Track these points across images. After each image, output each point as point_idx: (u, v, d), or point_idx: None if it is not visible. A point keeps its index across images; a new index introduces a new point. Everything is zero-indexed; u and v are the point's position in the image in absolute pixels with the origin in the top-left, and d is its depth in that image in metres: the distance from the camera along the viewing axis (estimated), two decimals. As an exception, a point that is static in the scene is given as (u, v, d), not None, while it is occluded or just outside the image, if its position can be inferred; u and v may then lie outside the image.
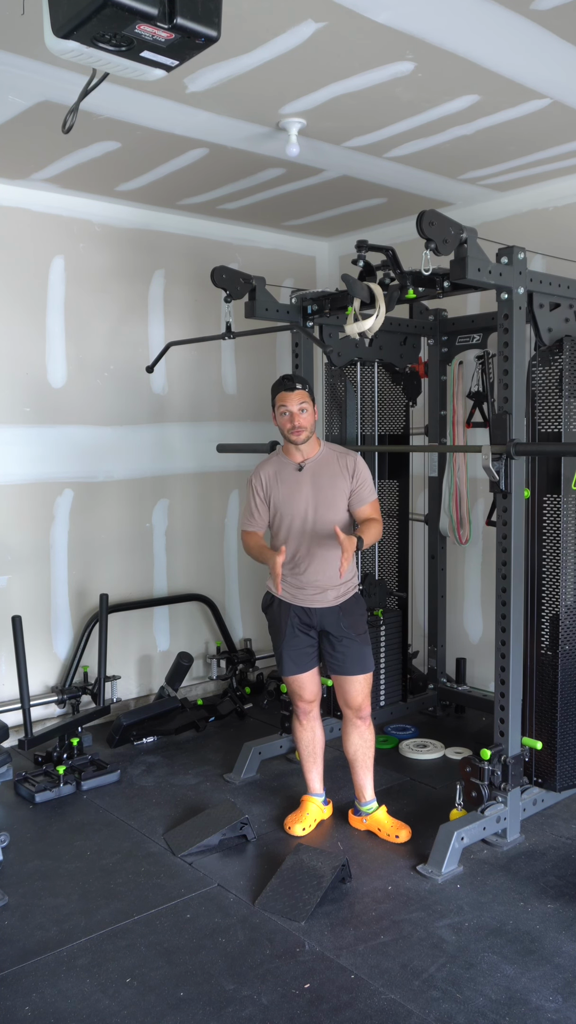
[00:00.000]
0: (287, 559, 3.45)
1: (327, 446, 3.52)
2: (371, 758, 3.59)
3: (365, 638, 3.50)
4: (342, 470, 3.43)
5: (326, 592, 3.45)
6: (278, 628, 3.54)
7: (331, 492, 3.42)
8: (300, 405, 3.36)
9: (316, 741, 3.65)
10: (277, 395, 3.41)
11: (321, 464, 3.46)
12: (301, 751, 3.67)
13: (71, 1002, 2.51)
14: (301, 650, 3.52)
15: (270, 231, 5.50)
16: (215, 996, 2.52)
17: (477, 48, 2.93)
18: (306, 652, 3.53)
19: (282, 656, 3.54)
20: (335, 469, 3.44)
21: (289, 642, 3.51)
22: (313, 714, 3.63)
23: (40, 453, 4.66)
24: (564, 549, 3.57)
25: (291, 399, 3.37)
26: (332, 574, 3.42)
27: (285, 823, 3.56)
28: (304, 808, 3.61)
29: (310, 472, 3.45)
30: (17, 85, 3.18)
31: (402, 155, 4.01)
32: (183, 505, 5.29)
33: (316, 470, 3.45)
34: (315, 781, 3.66)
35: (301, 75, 3.12)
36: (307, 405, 3.38)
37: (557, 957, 2.69)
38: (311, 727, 3.64)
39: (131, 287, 4.97)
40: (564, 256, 4.22)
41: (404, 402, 4.80)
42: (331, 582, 3.43)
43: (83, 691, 4.70)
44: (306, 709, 3.61)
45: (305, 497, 3.43)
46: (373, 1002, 2.49)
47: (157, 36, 1.87)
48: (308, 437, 3.42)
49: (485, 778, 3.36)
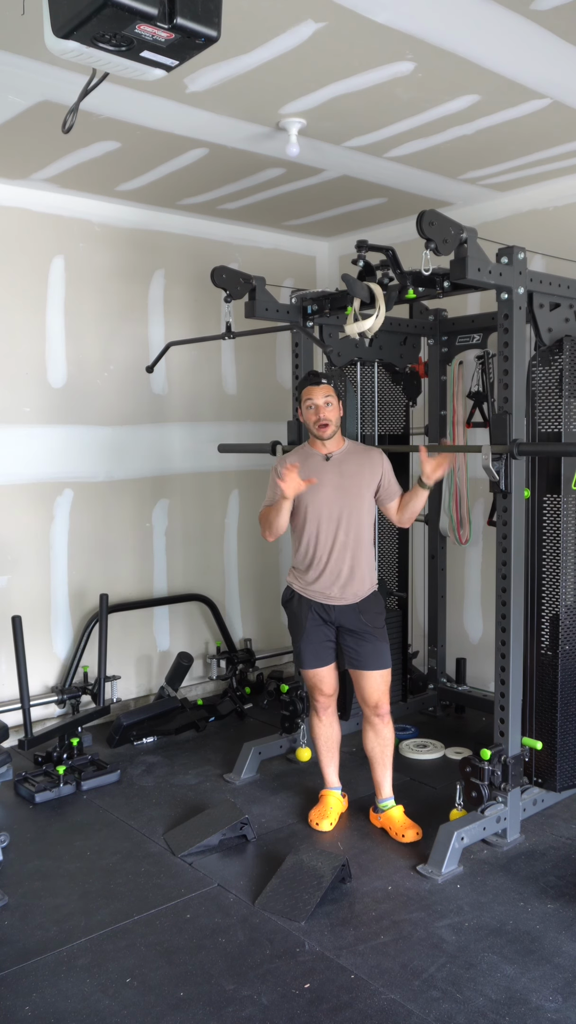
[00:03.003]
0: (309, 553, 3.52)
1: (351, 442, 3.60)
2: (389, 756, 3.64)
3: (383, 634, 3.55)
4: (368, 463, 3.50)
5: (345, 587, 3.49)
6: (298, 622, 3.60)
7: (357, 482, 3.48)
8: (326, 399, 3.42)
9: (333, 736, 3.72)
10: (303, 389, 3.47)
11: (347, 455, 3.53)
12: (318, 746, 3.72)
13: (71, 1002, 2.51)
14: (320, 644, 3.57)
15: (270, 231, 5.50)
16: (215, 996, 2.52)
17: (477, 48, 2.93)
18: (325, 646, 3.59)
19: (301, 650, 3.60)
20: (361, 461, 3.51)
21: (308, 636, 3.56)
22: (331, 709, 3.69)
23: (40, 453, 4.66)
24: (564, 549, 3.57)
25: (317, 392, 3.42)
26: (352, 564, 3.48)
27: (310, 818, 3.61)
28: (325, 802, 3.66)
29: (336, 463, 3.51)
30: (17, 85, 3.18)
31: (402, 155, 4.01)
32: (183, 505, 5.29)
33: (342, 460, 3.51)
34: (332, 775, 3.73)
35: (301, 75, 3.12)
36: (332, 399, 3.44)
37: (557, 957, 2.69)
38: (328, 722, 3.70)
39: (131, 287, 4.97)
40: (564, 256, 4.21)
41: (404, 402, 4.80)
42: (353, 572, 3.49)
43: (83, 691, 4.70)
44: (324, 704, 3.66)
45: (332, 486, 3.48)
46: (373, 1002, 2.49)
47: (157, 36, 1.87)
48: (334, 432, 3.48)
49: (485, 778, 3.36)
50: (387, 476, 3.52)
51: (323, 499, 3.48)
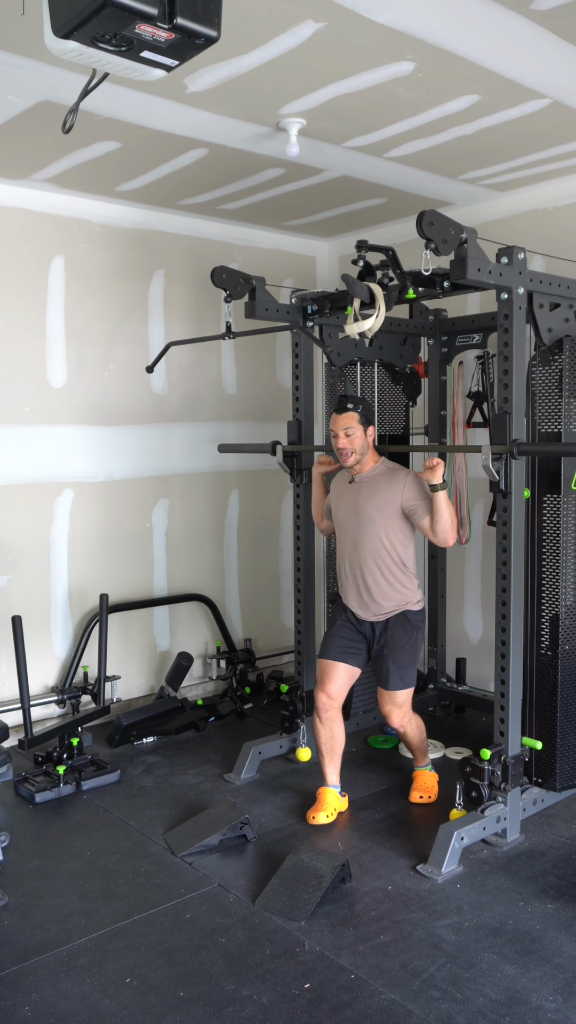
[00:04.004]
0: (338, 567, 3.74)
1: (384, 463, 3.65)
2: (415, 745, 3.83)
3: (401, 657, 3.59)
4: (387, 486, 3.54)
5: (367, 604, 3.61)
6: (334, 617, 3.80)
7: (371, 505, 3.54)
8: (346, 429, 3.50)
9: (334, 739, 3.73)
10: (331, 417, 3.57)
11: (371, 479, 3.59)
12: (319, 747, 3.74)
13: (71, 1002, 2.51)
14: (343, 639, 3.67)
15: (270, 231, 5.50)
16: (215, 996, 2.52)
17: (477, 48, 2.93)
18: (345, 646, 3.67)
19: (326, 640, 3.72)
20: (383, 483, 3.56)
21: (336, 630, 3.70)
22: (332, 713, 3.69)
23: (40, 453, 4.66)
24: (564, 549, 3.57)
25: (338, 423, 3.52)
26: (369, 585, 3.58)
27: (308, 815, 3.62)
28: (323, 798, 3.67)
29: (358, 486, 3.62)
30: (17, 85, 3.18)
31: (402, 155, 4.01)
32: (183, 505, 5.29)
33: (363, 484, 3.60)
34: (331, 774, 3.74)
35: (301, 75, 3.12)
36: (354, 428, 3.50)
37: (557, 957, 2.69)
38: (329, 726, 3.71)
39: (131, 287, 4.97)
40: (564, 256, 4.21)
41: (404, 402, 4.80)
42: (370, 593, 3.59)
43: (83, 691, 4.70)
44: (325, 704, 3.66)
45: (349, 508, 3.62)
46: (373, 1002, 2.49)
47: (157, 36, 1.87)
48: (358, 459, 3.56)
49: (485, 778, 3.36)
50: (409, 497, 3.50)
51: (342, 520, 3.67)
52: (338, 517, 3.70)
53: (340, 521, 3.69)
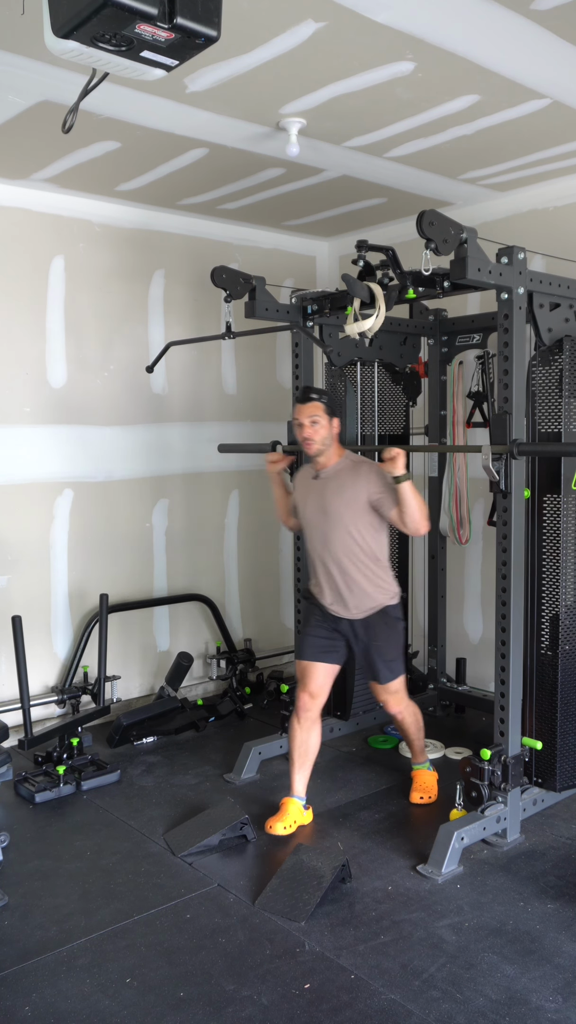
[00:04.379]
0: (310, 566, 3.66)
1: (348, 457, 3.58)
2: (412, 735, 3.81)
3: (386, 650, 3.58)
4: (353, 480, 3.47)
5: (344, 602, 3.56)
6: (306, 616, 3.73)
7: (338, 501, 3.48)
8: (311, 417, 3.44)
9: (309, 744, 3.63)
10: (295, 406, 3.51)
11: (335, 473, 3.53)
12: (291, 750, 3.64)
13: (71, 1002, 2.51)
14: (318, 639, 3.63)
15: (270, 231, 5.50)
16: (215, 996, 2.52)
17: (477, 48, 2.93)
18: (319, 642, 3.63)
19: (302, 640, 3.69)
20: (348, 478, 3.49)
21: (311, 630, 3.66)
22: (312, 714, 3.62)
23: (40, 453, 4.66)
24: (564, 549, 3.57)
25: (303, 411, 3.46)
26: (341, 582, 3.53)
27: (267, 825, 3.51)
28: (284, 809, 3.57)
29: (323, 481, 3.55)
30: (17, 85, 3.18)
31: (402, 155, 4.01)
32: (183, 505, 5.29)
33: (328, 479, 3.53)
34: (299, 784, 3.64)
35: (301, 75, 3.12)
36: (319, 417, 3.44)
37: (557, 957, 2.69)
38: (307, 727, 3.62)
39: (131, 287, 4.97)
40: (564, 256, 4.21)
41: (404, 402, 4.80)
42: (342, 590, 3.54)
43: (83, 691, 4.70)
44: (306, 704, 3.60)
45: (315, 505, 3.55)
46: (373, 1002, 2.49)
47: (157, 36, 1.87)
48: (321, 450, 3.49)
49: (485, 778, 3.36)
50: (375, 490, 3.43)
51: (309, 517, 3.59)
52: (305, 515, 3.62)
53: (308, 519, 3.60)
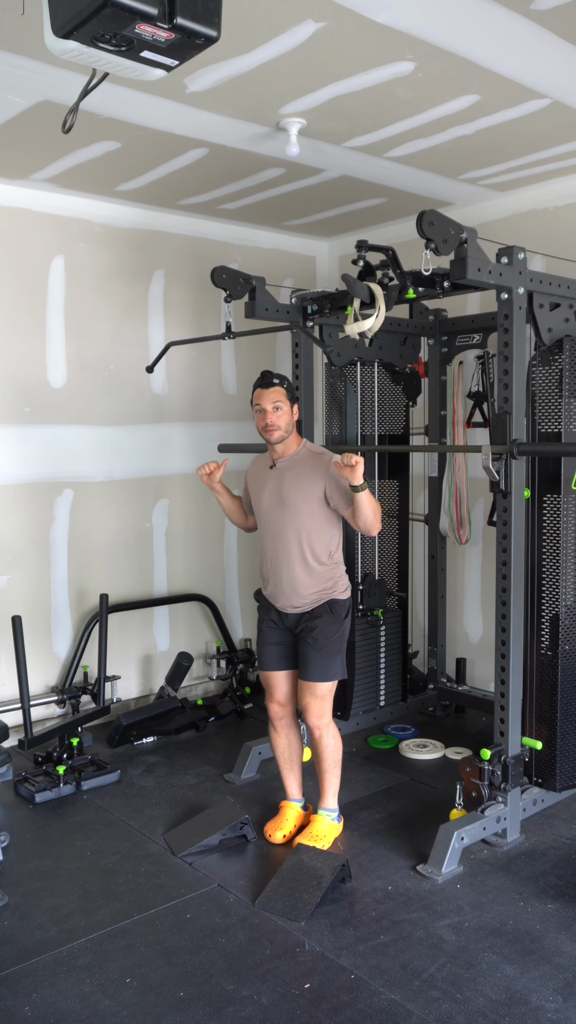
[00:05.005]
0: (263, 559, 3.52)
1: (306, 446, 3.46)
2: (325, 768, 3.48)
3: (327, 647, 3.35)
4: (314, 470, 3.35)
5: (292, 595, 3.40)
6: (259, 622, 3.58)
7: (294, 493, 3.35)
8: (274, 403, 3.32)
9: (292, 747, 3.59)
10: (254, 391, 3.38)
11: (293, 463, 3.41)
12: (277, 758, 3.61)
13: (71, 1002, 2.51)
14: (274, 646, 3.49)
15: (270, 231, 5.50)
16: (215, 996, 2.52)
17: (477, 48, 2.93)
18: (276, 650, 3.50)
19: (260, 651, 3.56)
20: (306, 469, 3.37)
21: (264, 638, 3.52)
22: (286, 720, 3.55)
23: (40, 453, 4.66)
24: (564, 549, 3.57)
25: (265, 397, 3.33)
26: (295, 576, 3.37)
27: (265, 830, 3.48)
28: (283, 814, 3.54)
29: (280, 471, 3.43)
30: (17, 85, 3.18)
31: (402, 155, 4.01)
32: (183, 505, 5.29)
33: (286, 469, 3.41)
34: (292, 787, 3.61)
35: (301, 75, 3.12)
36: (282, 403, 3.33)
37: (557, 957, 2.69)
38: (284, 733, 3.57)
39: (131, 287, 4.97)
40: (564, 256, 4.21)
41: (404, 402, 4.80)
42: (296, 584, 3.38)
43: (83, 691, 4.70)
44: (278, 713, 3.53)
45: (272, 495, 3.42)
46: (373, 1002, 2.49)
47: (157, 36, 1.87)
48: (283, 437, 3.38)
49: (485, 778, 3.37)
50: (333, 484, 3.30)
51: (264, 509, 3.45)
52: (260, 507, 3.47)
53: (263, 511, 3.45)
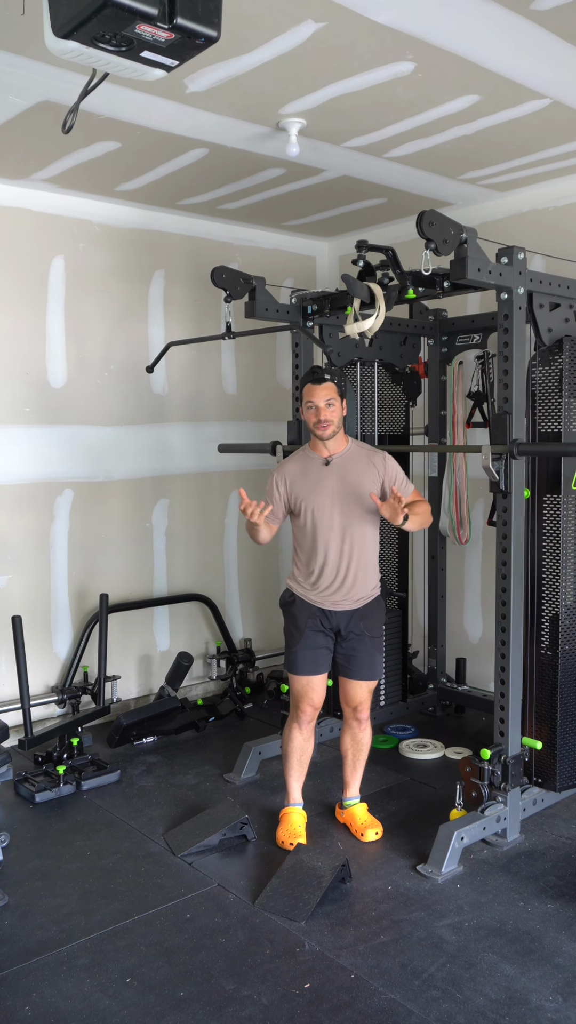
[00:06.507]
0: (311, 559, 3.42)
1: (355, 443, 3.46)
2: (361, 760, 3.58)
3: (379, 644, 3.47)
4: (370, 466, 3.37)
5: (347, 593, 3.38)
6: (296, 626, 3.44)
7: (358, 487, 3.34)
8: (327, 400, 3.28)
9: (307, 750, 3.56)
10: (304, 388, 3.33)
11: (349, 459, 3.39)
12: (291, 759, 3.53)
13: (71, 1002, 2.51)
14: (317, 650, 3.43)
15: (270, 231, 5.50)
16: (215, 996, 2.52)
17: (477, 48, 2.93)
18: (321, 653, 3.44)
19: (296, 656, 3.44)
20: (363, 465, 3.37)
21: (306, 641, 3.42)
22: (313, 723, 3.52)
23: (40, 453, 4.66)
24: (564, 549, 3.57)
25: (318, 393, 3.28)
26: (361, 570, 3.38)
27: (279, 839, 3.42)
28: (291, 820, 3.49)
29: (337, 467, 3.38)
30: (17, 85, 3.18)
31: (402, 155, 4.01)
32: (183, 505, 5.29)
33: (343, 465, 3.38)
34: (298, 790, 3.57)
35: (301, 75, 3.12)
36: (335, 399, 3.30)
37: (557, 957, 2.69)
38: (308, 735, 3.53)
39: (131, 287, 4.97)
40: (564, 256, 4.22)
41: (404, 402, 4.80)
42: (359, 579, 3.38)
43: (83, 691, 4.70)
44: (310, 715, 3.48)
45: (331, 492, 3.36)
46: (373, 1002, 2.49)
47: (157, 36, 1.87)
48: (335, 432, 3.34)
49: (485, 778, 3.37)
50: (392, 477, 3.37)
51: (323, 505, 3.37)
52: (316, 503, 3.37)
53: (320, 507, 3.36)
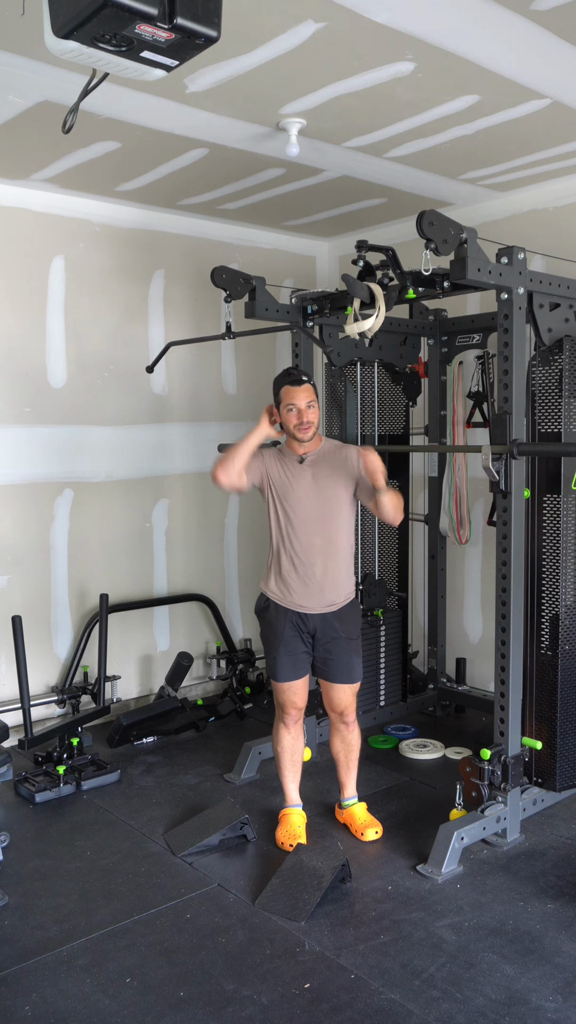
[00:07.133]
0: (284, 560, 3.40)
1: (327, 441, 3.47)
2: (354, 759, 3.60)
3: (357, 646, 3.45)
4: (342, 461, 3.37)
5: (322, 595, 3.37)
6: (274, 632, 3.44)
7: (332, 484, 3.35)
8: (308, 401, 3.28)
9: (298, 749, 3.56)
10: (282, 390, 3.31)
11: (322, 457, 3.40)
12: (283, 759, 3.53)
13: (71, 1002, 2.51)
14: (297, 655, 3.43)
15: (270, 231, 5.50)
16: (215, 996, 2.52)
17: (477, 48, 2.93)
18: (301, 657, 3.44)
19: (277, 661, 3.43)
20: (336, 462, 3.38)
21: (286, 647, 3.41)
22: (301, 723, 3.54)
23: (40, 453, 4.66)
24: (564, 549, 3.57)
25: (298, 395, 3.27)
26: (336, 571, 3.38)
27: (279, 841, 3.42)
28: (291, 821, 3.49)
29: (310, 464, 3.39)
30: (17, 85, 3.18)
31: (402, 155, 4.01)
32: (183, 505, 5.29)
33: (317, 462, 3.39)
34: (294, 791, 3.56)
35: (301, 75, 3.12)
36: (314, 401, 3.30)
37: (557, 957, 2.69)
38: (296, 735, 3.53)
39: (131, 287, 4.97)
40: (564, 256, 4.22)
41: (404, 402, 4.80)
42: (337, 580, 3.38)
43: (83, 691, 4.70)
44: (296, 716, 3.50)
45: (306, 489, 3.37)
46: (373, 1002, 2.49)
47: (157, 36, 1.87)
48: (315, 434, 3.36)
49: (485, 778, 3.37)
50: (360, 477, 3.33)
51: (297, 503, 3.36)
52: (292, 502, 3.36)
53: (297, 505, 3.35)
